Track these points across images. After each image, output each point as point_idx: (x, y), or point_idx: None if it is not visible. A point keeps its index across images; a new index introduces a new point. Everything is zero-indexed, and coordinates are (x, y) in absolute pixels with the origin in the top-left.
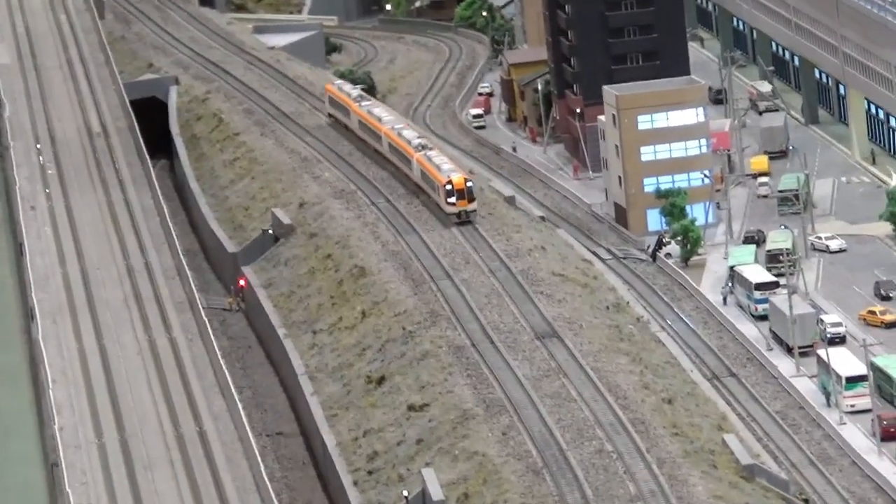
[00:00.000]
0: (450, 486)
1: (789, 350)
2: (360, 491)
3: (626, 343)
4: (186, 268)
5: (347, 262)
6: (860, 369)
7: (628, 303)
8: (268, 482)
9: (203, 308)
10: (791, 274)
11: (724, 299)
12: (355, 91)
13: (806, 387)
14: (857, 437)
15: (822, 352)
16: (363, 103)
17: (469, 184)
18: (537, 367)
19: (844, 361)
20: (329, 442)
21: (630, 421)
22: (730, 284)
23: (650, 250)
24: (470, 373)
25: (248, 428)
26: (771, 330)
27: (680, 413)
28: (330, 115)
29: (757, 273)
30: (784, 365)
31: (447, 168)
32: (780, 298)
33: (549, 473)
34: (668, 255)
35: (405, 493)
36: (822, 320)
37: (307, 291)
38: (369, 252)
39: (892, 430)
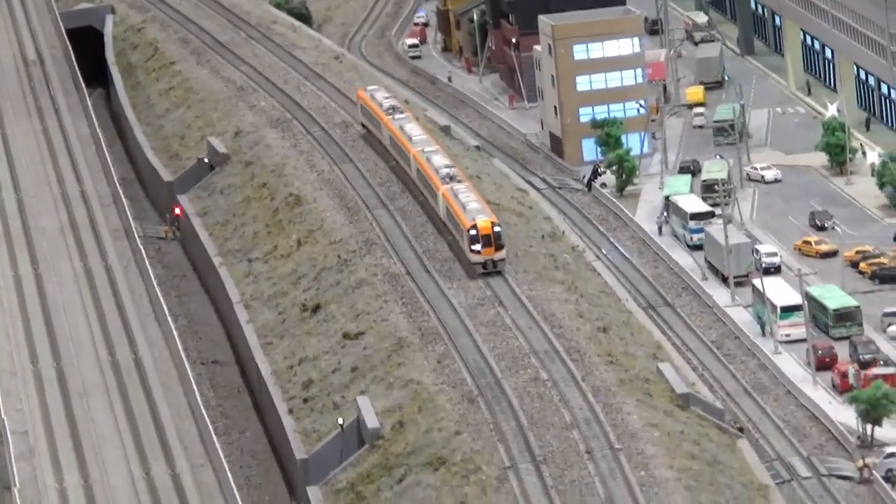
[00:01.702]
0: (385, 414)
1: (724, 280)
2: (296, 419)
3: (562, 272)
4: (122, 196)
5: (283, 190)
6: (795, 299)
7: (563, 232)
8: (203, 410)
9: (139, 236)
10: (726, 204)
11: (660, 229)
12: (387, 101)
13: (741, 316)
14: (791, 366)
15: (757, 281)
16: (396, 116)
17: (497, 229)
18: (472, 296)
19: (779, 291)
20: (264, 370)
21: (565, 349)
22: (665, 214)
23: (585, 180)
24: (405, 301)
25: (183, 356)
26: (706, 260)
27: (615, 342)
28: (363, 126)
29: (692, 203)
30: (719, 295)
31: (474, 208)
32: (715, 228)
33: (484, 401)
34: (604, 184)
35: (340, 420)
36: (757, 250)
37: (242, 220)
38: (305, 181)
39: (827, 359)
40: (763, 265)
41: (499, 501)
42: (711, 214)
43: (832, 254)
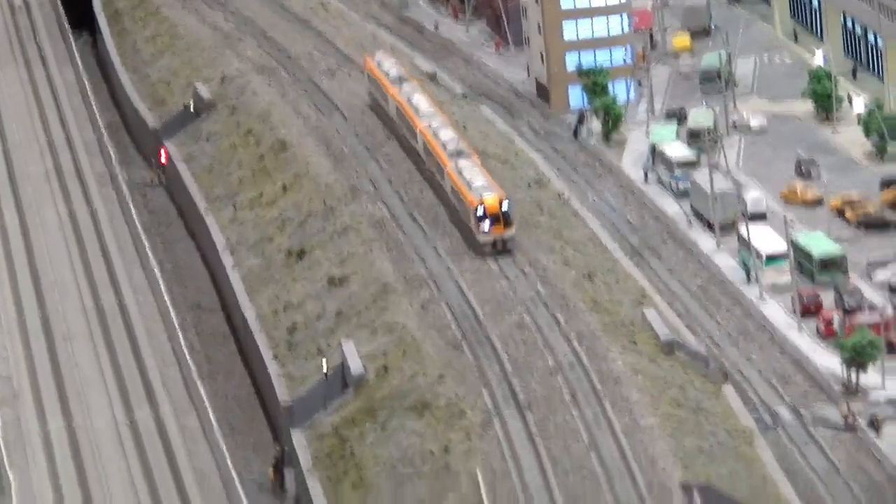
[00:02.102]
0: (369, 359)
1: (710, 227)
2: (280, 364)
3: (547, 218)
4: (108, 142)
5: (269, 136)
6: (780, 246)
7: (549, 179)
8: (188, 355)
9: (124, 182)
10: (712, 151)
11: (646, 176)
12: (394, 70)
13: (726, 263)
14: (776, 313)
15: (742, 228)
16: (403, 87)
17: (505, 206)
18: (457, 242)
19: (765, 238)
20: (249, 316)
21: (550, 295)
22: (651, 161)
23: (572, 127)
24: (390, 247)
25: (168, 301)
26: (692, 206)
27: (600, 288)
28: (370, 95)
29: (678, 150)
30: (705, 242)
31: (479, 185)
32: (701, 175)
33: (469, 347)
34: (590, 132)
35: (325, 365)
36: (742, 197)
37: (228, 166)
38: (291, 127)
39: (812, 306)
40: (749, 212)
41: (483, 447)
42: (697, 162)
43: (818, 201)
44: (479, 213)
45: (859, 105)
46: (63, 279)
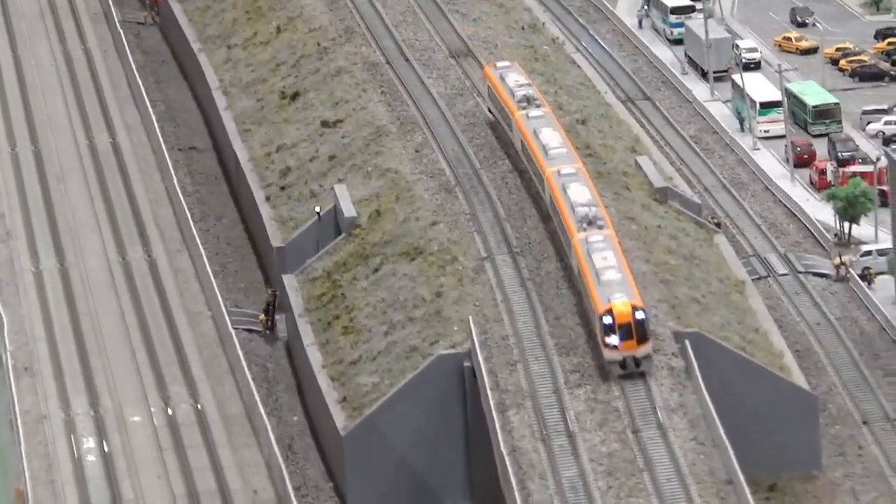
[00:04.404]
0: (362, 203)
1: (704, 74)
2: (273, 207)
3: (541, 64)
4: None
5: None
6: (774, 95)
7: (544, 24)
8: (181, 195)
9: (118, 21)
10: None
11: (640, 23)
12: (521, 90)
13: (720, 111)
14: (770, 162)
15: (736, 77)
16: (531, 114)
17: (640, 314)
18: (451, 86)
19: (759, 87)
20: (242, 157)
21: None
22: (645, 8)
23: None
24: (384, 90)
25: (161, 141)
26: (686, 54)
27: (594, 134)
28: (490, 111)
29: None
30: (698, 89)
31: (611, 279)
32: (695, 23)
33: (462, 192)
34: None
35: (317, 208)
36: (737, 45)
37: (222, 6)
38: None
39: (805, 156)
40: (743, 60)
41: (475, 292)
42: (692, 9)
43: (812, 50)
44: (607, 321)
45: None
46: (56, 117)
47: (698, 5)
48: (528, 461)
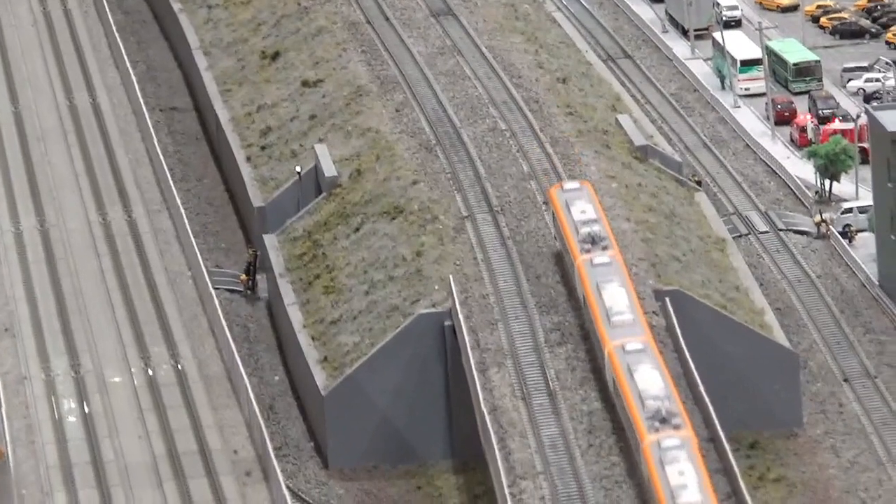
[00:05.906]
0: (343, 162)
1: (685, 32)
2: (253, 166)
3: (522, 22)
4: None
5: None
6: (755, 53)
7: None
8: (161, 155)
9: None
10: None
11: None
12: (587, 227)
13: (701, 69)
14: (750, 120)
15: (717, 34)
16: (595, 260)
17: None
18: (432, 45)
19: (739, 44)
20: (222, 117)
21: (524, 99)
22: None
23: None
24: (364, 49)
25: (142, 101)
26: (667, 12)
27: (574, 93)
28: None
29: None
30: (679, 47)
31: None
32: None
33: (442, 150)
34: None
35: (298, 168)
36: (717, 3)
37: None
38: None
39: (786, 113)
40: (723, 18)
41: (455, 251)
42: None
43: (793, 8)
44: None
45: None
46: (36, 76)
47: None
48: (508, 420)
